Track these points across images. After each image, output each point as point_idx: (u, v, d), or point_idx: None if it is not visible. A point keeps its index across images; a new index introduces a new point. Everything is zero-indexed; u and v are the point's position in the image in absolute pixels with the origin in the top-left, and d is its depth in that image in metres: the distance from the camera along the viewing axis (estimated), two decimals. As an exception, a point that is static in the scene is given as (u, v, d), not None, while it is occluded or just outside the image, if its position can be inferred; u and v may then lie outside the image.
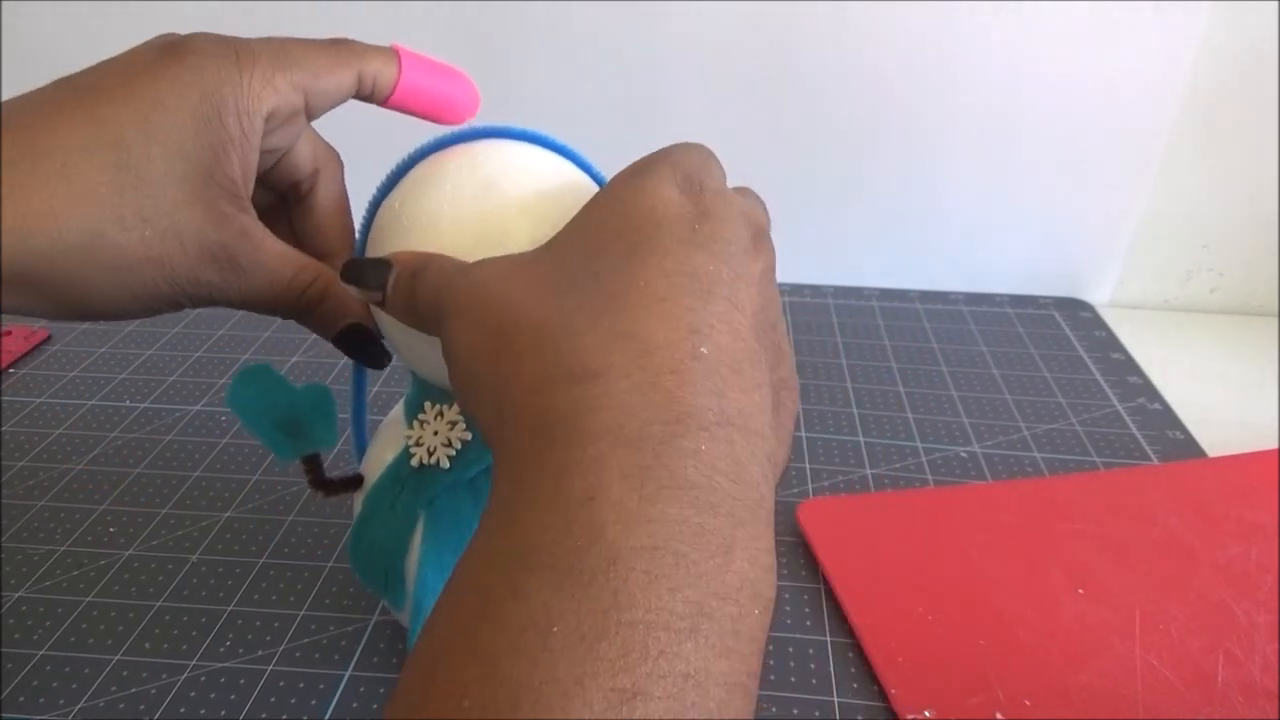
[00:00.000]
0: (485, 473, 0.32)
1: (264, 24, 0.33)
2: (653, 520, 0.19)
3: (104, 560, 0.43)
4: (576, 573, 0.18)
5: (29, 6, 0.66)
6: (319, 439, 0.34)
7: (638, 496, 0.19)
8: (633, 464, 0.20)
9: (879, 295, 0.70)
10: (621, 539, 0.19)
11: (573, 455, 0.20)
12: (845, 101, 0.64)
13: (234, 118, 0.28)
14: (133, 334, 0.62)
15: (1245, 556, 0.43)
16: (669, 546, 0.19)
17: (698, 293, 0.23)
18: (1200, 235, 0.68)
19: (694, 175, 0.25)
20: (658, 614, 0.18)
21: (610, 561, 0.18)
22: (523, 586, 0.19)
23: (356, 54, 0.30)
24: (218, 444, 0.51)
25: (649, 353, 0.21)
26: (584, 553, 0.19)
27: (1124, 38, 0.60)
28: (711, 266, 0.23)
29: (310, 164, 0.33)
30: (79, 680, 0.37)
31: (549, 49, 0.64)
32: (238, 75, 0.28)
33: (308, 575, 0.42)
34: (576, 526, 0.19)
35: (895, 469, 0.50)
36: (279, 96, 0.29)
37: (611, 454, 0.20)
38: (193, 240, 0.28)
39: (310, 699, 0.36)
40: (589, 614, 0.18)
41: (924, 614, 0.40)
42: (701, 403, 0.21)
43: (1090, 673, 0.37)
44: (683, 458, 0.20)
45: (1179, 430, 0.54)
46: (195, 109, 0.27)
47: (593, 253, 0.24)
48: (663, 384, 0.21)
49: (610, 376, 0.21)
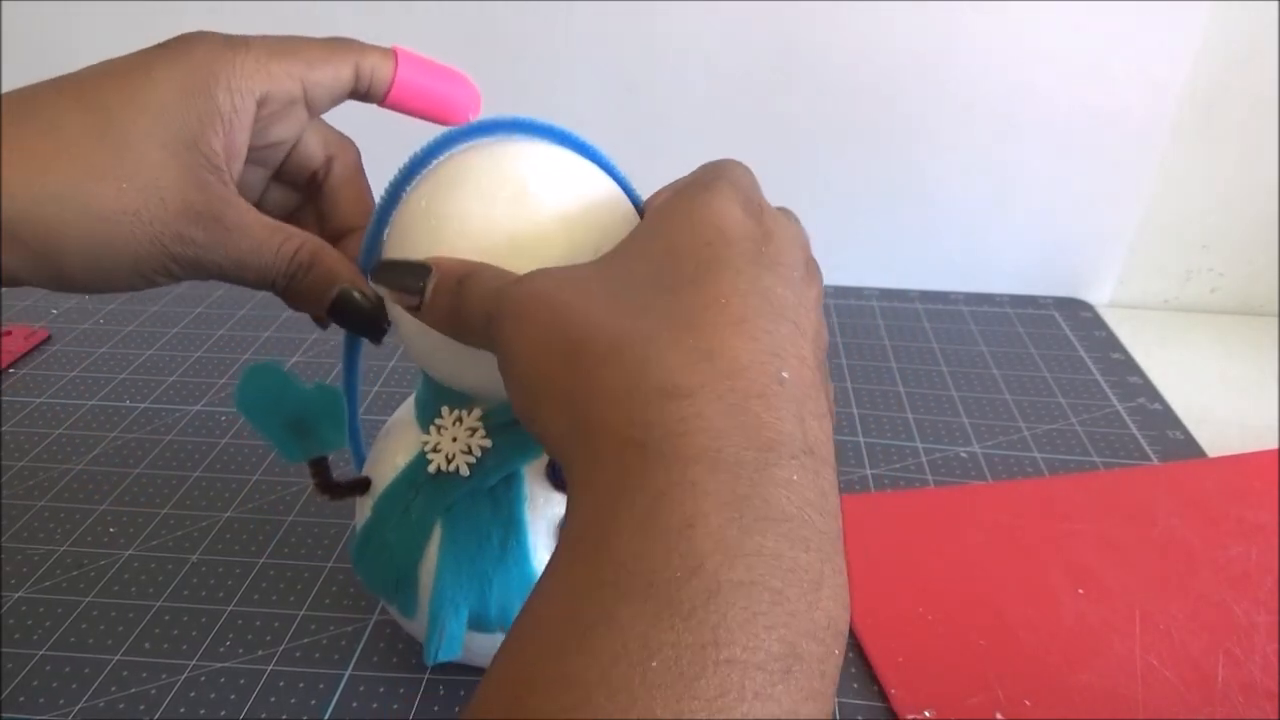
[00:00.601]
0: (505, 481, 0.32)
1: (266, 25, 0.33)
2: (750, 554, 0.19)
3: (104, 560, 0.43)
4: (675, 604, 0.18)
5: (29, 6, 0.66)
6: (327, 441, 0.33)
7: (737, 527, 0.19)
8: (730, 492, 0.19)
9: (879, 295, 0.70)
10: (721, 571, 0.18)
11: (670, 478, 0.19)
12: (845, 101, 0.64)
13: (224, 92, 0.28)
14: (133, 334, 0.62)
15: (1245, 556, 0.43)
16: (766, 582, 0.18)
17: (771, 315, 0.23)
18: (1200, 235, 0.68)
19: (753, 196, 0.25)
20: (754, 653, 0.18)
21: (710, 595, 0.18)
22: (617, 614, 0.18)
23: (354, 49, 0.31)
24: (218, 444, 0.51)
25: (736, 374, 0.21)
26: (683, 584, 0.18)
27: (1124, 37, 0.60)
28: (779, 290, 0.23)
29: (322, 153, 0.33)
30: (79, 680, 0.37)
31: (551, 49, 0.64)
32: (230, 55, 0.29)
33: (308, 575, 0.42)
34: (675, 555, 0.18)
35: (895, 469, 0.50)
36: (272, 81, 0.29)
37: (710, 479, 0.19)
38: (173, 197, 0.28)
39: (310, 699, 0.36)
40: (688, 649, 0.17)
41: (924, 614, 0.40)
42: (789, 430, 0.21)
43: (1090, 673, 0.37)
44: (777, 487, 0.20)
45: (1179, 430, 0.54)
46: (183, 81, 0.28)
47: (662, 266, 0.24)
48: (751, 408, 0.21)
49: (703, 396, 0.21)
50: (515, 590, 0.31)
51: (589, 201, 0.29)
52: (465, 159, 0.30)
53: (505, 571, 0.31)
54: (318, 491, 0.34)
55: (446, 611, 0.31)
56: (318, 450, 0.33)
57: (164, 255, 0.29)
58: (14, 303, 0.65)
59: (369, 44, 0.31)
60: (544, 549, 0.32)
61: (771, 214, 0.26)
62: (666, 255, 0.24)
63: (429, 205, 0.29)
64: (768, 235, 0.25)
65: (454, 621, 0.31)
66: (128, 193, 0.27)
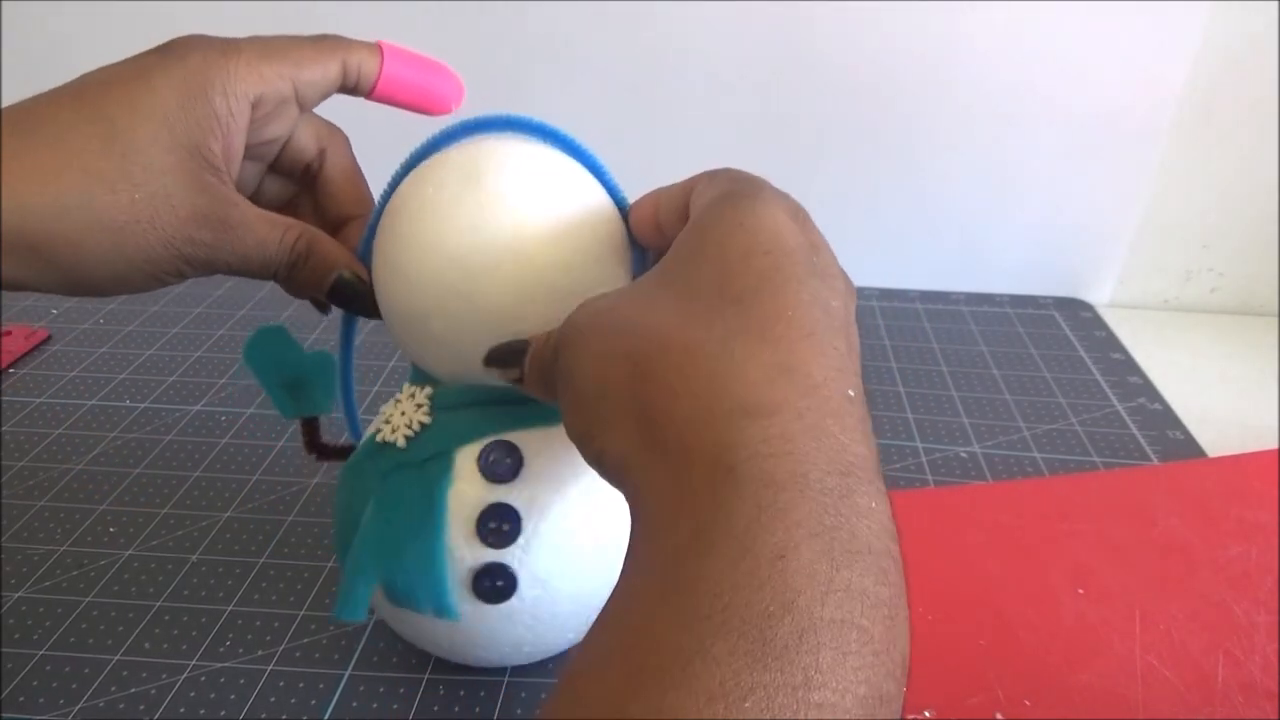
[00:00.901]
0: (436, 460, 0.32)
1: (263, 25, 0.33)
2: (839, 590, 0.18)
3: (104, 560, 0.43)
4: (769, 642, 0.17)
5: (29, 7, 0.66)
6: (318, 403, 0.36)
7: (827, 561, 0.18)
8: (819, 522, 0.19)
9: (879, 295, 0.70)
10: (814, 609, 0.18)
11: (761, 504, 0.19)
12: (845, 101, 0.64)
13: (220, 97, 0.29)
14: (133, 334, 0.62)
15: (1245, 556, 0.43)
16: (854, 621, 0.18)
17: (833, 329, 0.22)
18: (1200, 235, 0.68)
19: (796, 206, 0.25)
20: (843, 696, 0.17)
21: (801, 633, 0.18)
22: (711, 649, 0.18)
23: (340, 46, 0.32)
24: (218, 444, 0.51)
25: (812, 390, 0.21)
26: (777, 620, 0.18)
27: (1124, 37, 0.60)
28: (835, 302, 0.23)
29: (314, 145, 0.34)
30: (79, 680, 0.37)
31: (551, 50, 0.64)
32: (223, 61, 0.29)
33: (308, 575, 0.42)
34: (768, 589, 0.18)
35: (895, 469, 0.50)
36: (265, 83, 0.30)
37: (799, 507, 0.19)
38: (182, 203, 0.29)
39: (310, 699, 0.36)
40: (781, 690, 0.17)
41: (924, 614, 0.40)
42: (862, 452, 0.21)
43: (1090, 673, 0.37)
44: (859, 517, 0.19)
45: (1179, 430, 0.54)
46: (181, 89, 0.29)
47: (722, 275, 0.23)
48: (828, 427, 0.20)
49: (785, 415, 0.20)
50: (422, 568, 0.31)
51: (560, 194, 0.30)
52: (445, 154, 0.31)
53: (416, 547, 0.31)
54: (306, 450, 0.37)
55: (358, 574, 0.32)
56: (309, 410, 0.36)
57: (176, 258, 0.30)
58: (14, 303, 0.65)
59: (355, 40, 0.32)
60: (460, 534, 0.31)
61: (814, 226, 0.25)
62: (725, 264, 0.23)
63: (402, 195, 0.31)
64: (816, 246, 0.24)
65: (363, 585, 0.32)
66: (139, 202, 0.28)
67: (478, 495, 0.32)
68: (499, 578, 0.31)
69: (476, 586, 0.32)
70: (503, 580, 0.31)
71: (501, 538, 0.31)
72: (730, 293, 0.23)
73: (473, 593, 0.32)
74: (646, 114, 0.66)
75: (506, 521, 0.31)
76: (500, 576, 0.31)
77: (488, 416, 0.32)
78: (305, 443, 0.37)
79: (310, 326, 0.62)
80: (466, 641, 0.33)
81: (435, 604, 0.32)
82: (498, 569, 0.31)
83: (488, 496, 0.32)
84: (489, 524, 0.31)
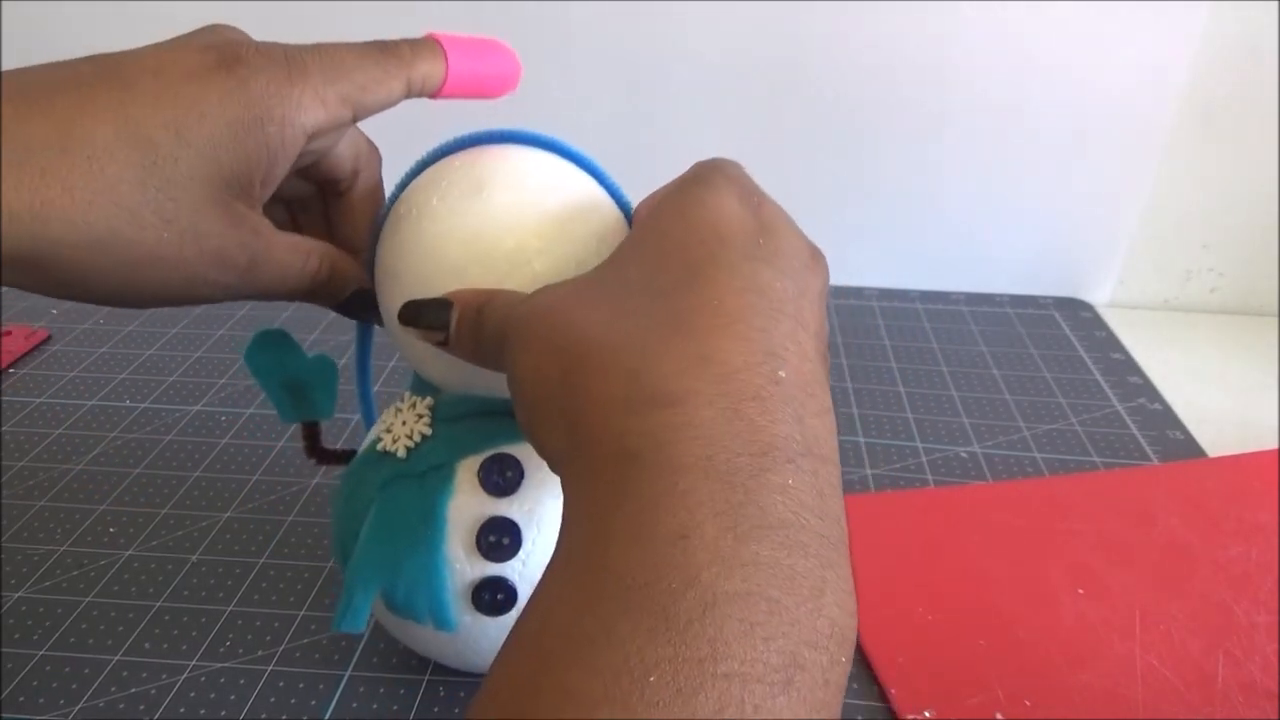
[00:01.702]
0: (436, 472, 0.32)
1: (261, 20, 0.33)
2: (746, 563, 0.18)
3: (104, 560, 0.43)
4: (672, 618, 0.18)
5: (29, 6, 0.66)
6: (319, 407, 0.35)
7: (732, 536, 0.19)
8: (724, 500, 0.19)
9: (879, 295, 0.70)
10: (717, 583, 0.18)
11: (662, 488, 0.19)
12: (845, 101, 0.64)
13: (276, 128, 0.27)
14: (133, 334, 0.62)
15: (1245, 556, 0.43)
16: (763, 592, 0.18)
17: (768, 312, 0.22)
18: (1200, 235, 0.68)
19: (749, 188, 0.25)
20: (753, 666, 0.17)
21: (706, 607, 0.18)
22: (615, 629, 0.18)
23: (405, 62, 0.30)
24: (218, 444, 0.51)
25: (728, 377, 0.21)
26: (679, 596, 0.18)
27: (1124, 37, 0.60)
28: (778, 283, 0.23)
29: (351, 164, 0.33)
30: (79, 680, 0.37)
31: (551, 50, 0.64)
32: (289, 89, 0.27)
33: (308, 575, 0.42)
34: (670, 567, 0.18)
35: (895, 469, 0.50)
36: (327, 111, 0.28)
37: (703, 488, 0.19)
38: (210, 245, 0.27)
39: (310, 699, 0.36)
40: (685, 663, 0.17)
41: (924, 614, 0.40)
42: (785, 432, 0.20)
43: (1090, 673, 0.37)
44: (772, 493, 0.19)
45: (1179, 430, 0.54)
46: (236, 118, 0.26)
47: (656, 269, 0.23)
48: (745, 412, 0.20)
49: (694, 403, 0.20)
50: (421, 580, 0.31)
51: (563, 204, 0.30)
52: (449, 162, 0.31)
53: (415, 559, 0.31)
54: (307, 454, 0.36)
55: (357, 585, 0.32)
56: (310, 414, 0.36)
57: (194, 291, 0.28)
58: (14, 303, 0.65)
59: (419, 49, 0.30)
60: (459, 546, 0.31)
61: (771, 206, 0.25)
62: (661, 257, 0.24)
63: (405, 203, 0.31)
64: (766, 228, 0.24)
65: (362, 596, 0.32)
66: (167, 242, 0.26)
67: (478, 508, 0.31)
68: (499, 591, 0.31)
69: (476, 599, 0.31)
70: (503, 594, 0.31)
71: (501, 551, 0.31)
72: (659, 286, 0.23)
73: (472, 605, 0.32)
74: (646, 114, 0.66)
75: (506, 535, 0.31)
76: (500, 590, 0.31)
77: (489, 429, 0.32)
78: (306, 447, 0.37)
79: (310, 327, 0.62)
80: (466, 650, 0.33)
81: (434, 616, 0.32)
82: (498, 582, 0.31)
83: (488, 509, 0.31)
84: (489, 537, 0.31)
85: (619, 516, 0.19)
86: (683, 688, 0.17)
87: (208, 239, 0.27)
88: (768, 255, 0.23)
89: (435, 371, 0.32)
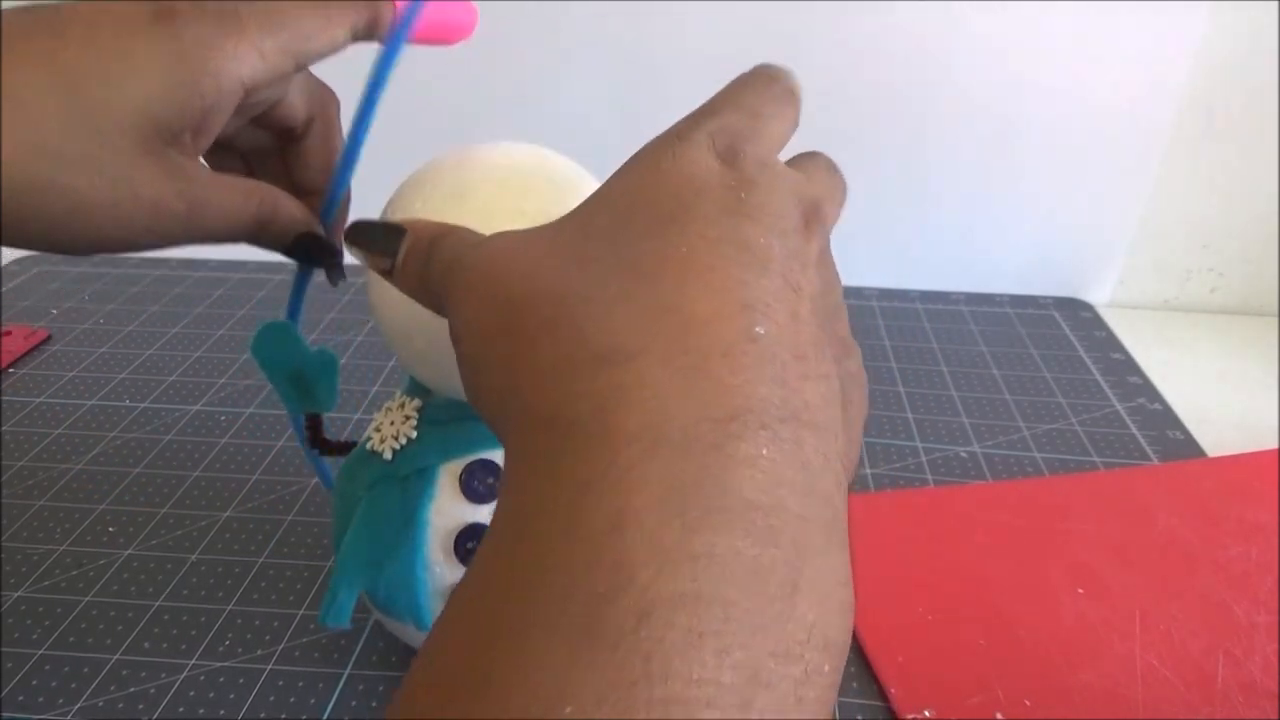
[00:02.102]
0: (419, 475, 0.32)
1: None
2: (697, 557, 0.15)
3: (104, 560, 0.43)
4: (597, 632, 0.15)
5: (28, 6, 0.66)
6: (321, 400, 0.36)
7: (679, 524, 0.15)
8: (674, 478, 0.16)
9: (879, 295, 0.70)
10: (656, 584, 0.15)
11: (597, 466, 0.16)
12: (845, 101, 0.64)
13: (211, 80, 0.27)
14: (133, 334, 0.62)
15: (1245, 556, 0.43)
16: (716, 593, 0.15)
17: (750, 265, 0.19)
18: (1200, 235, 0.68)
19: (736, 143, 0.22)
20: (700, 688, 0.14)
21: (641, 616, 0.15)
22: (528, 645, 0.15)
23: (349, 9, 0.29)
24: (218, 444, 0.51)
25: (693, 330, 0.17)
26: (607, 602, 0.15)
27: (1124, 38, 0.60)
28: (763, 240, 0.19)
29: (305, 111, 0.32)
30: (79, 680, 0.37)
31: (550, 49, 0.64)
32: (222, 41, 0.27)
33: (308, 575, 0.42)
34: (599, 567, 0.15)
35: (895, 469, 0.50)
36: (265, 63, 0.28)
37: (647, 465, 0.16)
38: (146, 192, 0.27)
39: (310, 698, 0.36)
40: (612, 689, 0.14)
41: (924, 614, 0.40)
42: (762, 393, 0.17)
43: (1090, 673, 0.37)
44: (739, 467, 0.16)
45: (1179, 430, 0.54)
46: (168, 72, 0.26)
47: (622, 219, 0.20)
48: (712, 370, 0.17)
49: (646, 360, 0.17)
50: (399, 583, 0.32)
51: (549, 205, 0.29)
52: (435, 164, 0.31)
53: (394, 562, 0.32)
54: (309, 444, 0.37)
55: (341, 583, 0.32)
56: (312, 406, 0.36)
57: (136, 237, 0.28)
58: (14, 303, 0.65)
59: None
60: (439, 550, 0.32)
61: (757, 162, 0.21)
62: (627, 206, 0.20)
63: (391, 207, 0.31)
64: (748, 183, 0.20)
65: (346, 593, 0.32)
66: (99, 189, 0.26)
67: (458, 515, 0.32)
68: None
69: None
70: None
71: None
72: (622, 236, 0.20)
73: None
74: (646, 114, 0.65)
75: None
76: None
77: (473, 434, 0.32)
78: (308, 438, 0.37)
79: (310, 327, 0.62)
80: None
81: (413, 616, 0.32)
82: None
83: (468, 516, 0.32)
84: (467, 544, 0.31)
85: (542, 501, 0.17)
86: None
87: (141, 186, 0.27)
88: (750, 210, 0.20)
89: (421, 376, 0.33)
